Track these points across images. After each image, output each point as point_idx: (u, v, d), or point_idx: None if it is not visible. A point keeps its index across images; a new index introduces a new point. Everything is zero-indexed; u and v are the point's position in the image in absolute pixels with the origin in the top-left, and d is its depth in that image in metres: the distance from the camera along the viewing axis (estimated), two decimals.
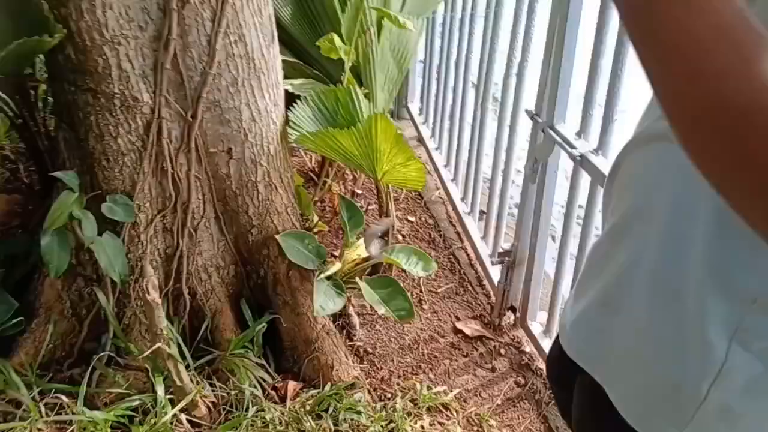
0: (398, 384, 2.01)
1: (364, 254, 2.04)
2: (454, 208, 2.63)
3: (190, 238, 1.85)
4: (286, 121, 1.91)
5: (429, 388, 1.99)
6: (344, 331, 2.13)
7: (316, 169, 2.85)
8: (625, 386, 0.82)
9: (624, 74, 1.51)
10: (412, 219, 2.69)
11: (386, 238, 1.95)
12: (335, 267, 1.94)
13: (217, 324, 1.96)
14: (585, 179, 1.72)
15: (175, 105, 1.63)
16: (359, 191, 2.53)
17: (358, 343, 2.12)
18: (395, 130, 1.81)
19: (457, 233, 2.62)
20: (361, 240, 2.05)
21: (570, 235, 1.86)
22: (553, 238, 2.24)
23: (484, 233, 2.44)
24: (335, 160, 2.06)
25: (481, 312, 2.28)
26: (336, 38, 1.95)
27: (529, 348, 2.15)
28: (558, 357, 1.20)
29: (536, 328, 2.12)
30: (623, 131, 1.71)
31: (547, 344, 2.06)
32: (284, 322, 1.97)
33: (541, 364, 2.09)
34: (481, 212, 2.57)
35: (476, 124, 2.40)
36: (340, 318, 2.13)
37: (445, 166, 2.79)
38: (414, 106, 3.18)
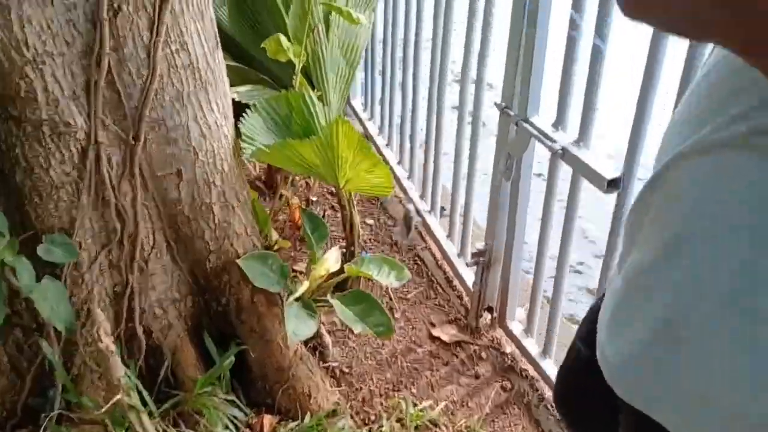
0: (381, 404, 1.88)
1: (333, 268, 1.90)
2: (414, 207, 2.51)
3: (140, 272, 1.66)
4: (238, 134, 1.73)
5: (414, 404, 1.88)
6: (317, 353, 1.99)
7: (263, 178, 2.67)
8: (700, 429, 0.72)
9: (605, 60, 1.42)
10: (371, 222, 2.55)
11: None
12: (303, 287, 1.79)
13: (179, 361, 1.78)
14: (565, 172, 1.63)
15: (113, 127, 1.44)
16: (314, 198, 2.38)
17: (333, 364, 1.98)
18: (358, 136, 1.67)
19: (419, 233, 2.51)
20: (328, 254, 1.90)
21: (549, 229, 1.77)
22: None
23: (449, 231, 2.33)
24: (294, 172, 1.91)
25: (455, 315, 2.18)
26: (283, 38, 1.78)
27: (510, 348, 2.06)
28: (578, 386, 1.10)
29: (516, 327, 2.04)
30: (604, 121, 1.64)
31: (529, 343, 1.98)
32: (253, 352, 1.81)
33: (525, 365, 2.01)
34: (442, 209, 2.47)
35: (432, 117, 2.28)
36: (312, 339, 1.98)
37: (399, 163, 2.66)
38: (357, 102, 3.04)
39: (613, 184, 1.43)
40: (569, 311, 2.56)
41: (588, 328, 1.04)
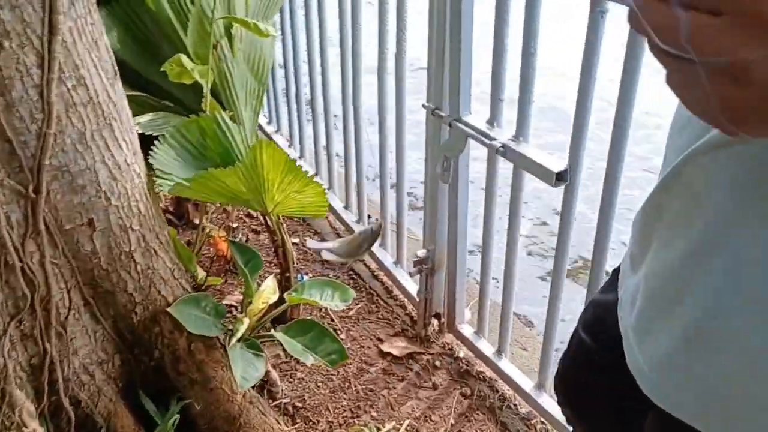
0: None
1: (271, 300, 1.77)
2: (339, 219, 2.41)
3: (59, 338, 1.47)
4: (150, 169, 1.57)
5: (377, 428, 1.78)
6: (264, 392, 1.85)
7: (172, 209, 2.48)
8: None
9: (537, 49, 1.38)
10: (296, 240, 2.42)
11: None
12: (244, 325, 1.65)
13: (115, 429, 1.60)
14: (505, 168, 1.59)
15: (9, 182, 1.25)
16: (234, 224, 2.22)
17: (285, 401, 1.85)
18: (285, 156, 1.55)
19: None
20: (264, 285, 1.77)
21: (492, 227, 1.72)
22: None
23: (381, 240, 2.25)
24: (218, 202, 1.75)
25: (402, 326, 2.10)
26: (185, 59, 1.63)
27: (463, 352, 2.00)
28: (579, 382, 1.04)
29: (467, 330, 1.98)
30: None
31: (483, 345, 1.93)
32: (197, 404, 1.65)
33: (481, 367, 1.96)
34: (373, 219, 2.38)
35: (349, 120, 2.17)
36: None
37: (316, 175, 2.55)
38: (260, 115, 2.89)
39: (560, 177, 1.39)
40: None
41: (594, 318, 0.98)
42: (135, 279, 1.53)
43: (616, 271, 0.91)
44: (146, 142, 1.65)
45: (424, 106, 1.65)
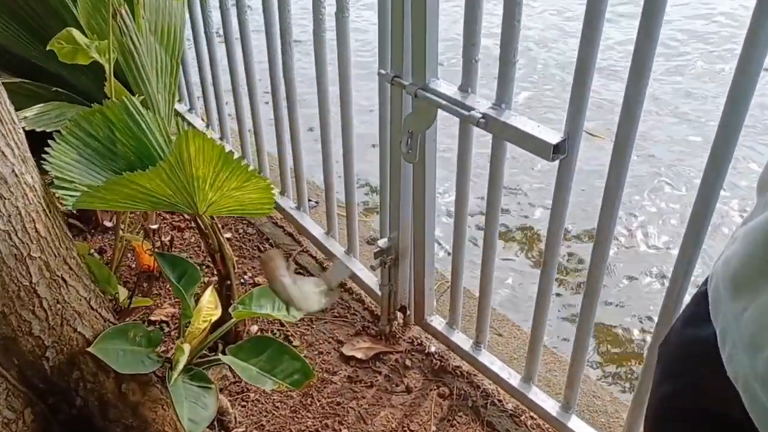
0: None
1: (214, 317, 1.48)
2: (276, 206, 2.12)
3: None
4: (44, 174, 1.24)
5: None
6: (215, 423, 1.57)
7: (75, 211, 2.12)
8: None
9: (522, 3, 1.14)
10: (229, 235, 2.12)
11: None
12: (185, 354, 1.36)
13: None
14: (481, 141, 1.35)
15: None
16: (154, 226, 1.89)
17: (239, 430, 1.59)
18: (219, 148, 1.25)
19: (290, 235, 2.13)
20: (203, 299, 1.48)
21: (465, 207, 1.50)
22: None
23: (327, 227, 1.99)
24: (137, 210, 1.43)
25: (362, 324, 1.86)
26: (76, 33, 1.29)
27: (434, 347, 1.79)
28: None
29: (437, 322, 1.77)
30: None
31: (458, 338, 1.72)
32: None
33: (456, 361, 1.75)
34: (312, 202, 2.11)
35: (278, 89, 1.87)
36: None
37: (242, 158, 2.23)
38: None
39: (558, 150, 1.17)
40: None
41: (674, 362, 0.77)
42: (41, 318, 1.21)
43: (701, 295, 0.70)
44: (38, 141, 1.32)
45: (381, 74, 1.39)
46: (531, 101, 3.70)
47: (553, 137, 1.16)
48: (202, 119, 2.44)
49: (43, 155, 1.26)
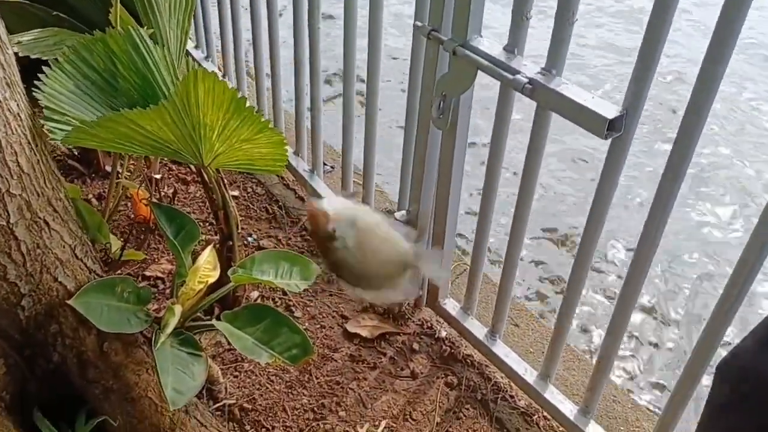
0: None
1: (211, 278, 1.36)
2: (289, 167, 1.98)
3: None
4: (35, 106, 1.11)
5: None
6: (203, 392, 1.46)
7: (77, 152, 2.00)
8: None
9: None
10: (236, 193, 1.99)
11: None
12: (175, 317, 1.24)
13: None
14: (525, 112, 1.21)
15: None
16: (158, 175, 1.77)
17: (229, 402, 1.47)
18: (232, 92, 1.12)
19: (302, 199, 2.00)
20: (201, 258, 1.36)
21: (496, 183, 1.36)
22: None
23: (343, 194, 1.85)
24: (134, 154, 1.30)
25: None
26: None
27: (446, 332, 1.67)
28: None
29: (451, 306, 1.64)
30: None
31: (472, 325, 1.59)
32: (114, 419, 1.26)
33: (468, 349, 1.63)
34: (328, 167, 1.98)
35: (302, 38, 1.72)
36: None
37: (257, 113, 2.09)
38: None
39: (613, 127, 1.03)
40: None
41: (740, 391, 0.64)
42: (18, 263, 1.09)
43: None
44: (31, 70, 1.19)
45: (417, 26, 1.24)
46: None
47: (610, 111, 1.02)
48: (219, 69, 2.30)
49: (36, 82, 1.13)
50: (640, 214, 2.58)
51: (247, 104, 1.16)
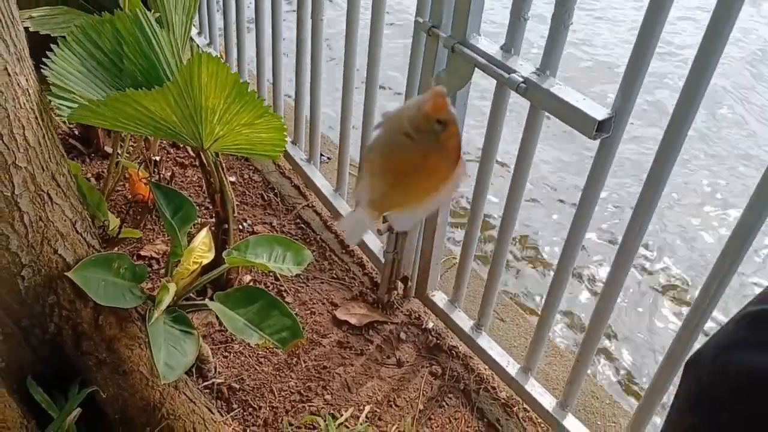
0: (291, 424, 1.46)
1: (206, 259, 1.39)
2: (286, 155, 2.02)
3: None
4: (43, 82, 1.14)
5: (333, 417, 1.47)
6: (193, 370, 1.50)
7: (78, 132, 2.02)
8: None
9: None
10: (233, 179, 2.03)
11: None
12: (169, 294, 1.28)
13: None
14: (517, 111, 1.25)
15: None
16: (156, 157, 1.80)
17: (218, 381, 1.51)
18: (234, 76, 1.15)
19: (297, 188, 2.03)
20: (196, 240, 1.39)
21: (488, 177, 1.39)
22: None
23: (336, 184, 1.89)
24: (136, 134, 1.33)
25: (360, 289, 1.77)
26: None
27: (432, 323, 1.71)
28: None
29: (440, 298, 1.68)
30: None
31: (459, 317, 1.63)
32: (105, 392, 1.29)
33: (453, 341, 1.67)
34: (324, 157, 2.01)
35: (304, 30, 1.76)
36: None
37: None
38: None
39: (602, 128, 1.07)
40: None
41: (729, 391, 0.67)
42: (20, 234, 1.12)
43: (759, 317, 0.59)
44: (40, 46, 1.22)
45: (418, 22, 1.28)
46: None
47: (599, 113, 1.06)
48: (221, 55, 2.32)
49: (44, 59, 1.16)
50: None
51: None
